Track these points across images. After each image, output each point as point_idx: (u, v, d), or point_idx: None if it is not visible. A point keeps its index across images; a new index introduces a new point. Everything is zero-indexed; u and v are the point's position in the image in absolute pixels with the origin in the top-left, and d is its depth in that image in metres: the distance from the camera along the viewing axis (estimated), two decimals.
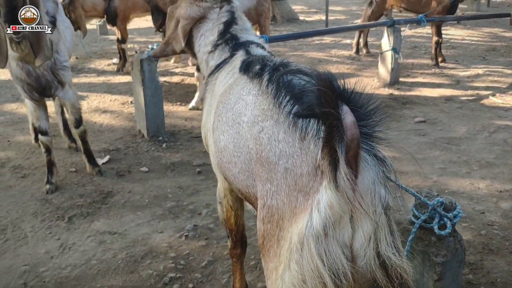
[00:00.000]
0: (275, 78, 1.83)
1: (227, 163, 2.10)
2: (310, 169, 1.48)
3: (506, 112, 5.94)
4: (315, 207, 1.43)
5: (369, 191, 1.39)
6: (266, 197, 1.64)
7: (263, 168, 1.70)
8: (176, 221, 3.68)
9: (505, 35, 10.14)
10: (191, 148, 5.07)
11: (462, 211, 2.48)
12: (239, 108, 2.03)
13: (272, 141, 1.66)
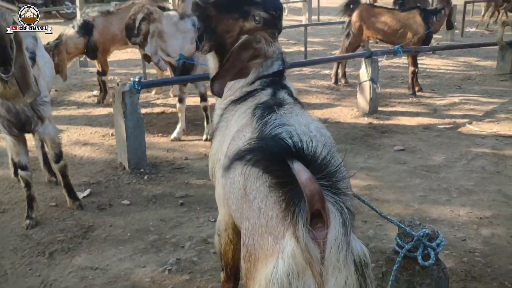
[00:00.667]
0: (264, 115, 1.86)
1: (227, 200, 2.08)
2: (280, 212, 1.46)
3: (483, 139, 6.07)
4: (280, 253, 1.41)
5: (337, 246, 1.36)
6: (245, 236, 1.63)
7: (246, 205, 1.68)
8: (159, 255, 3.64)
9: (480, 64, 10.43)
10: (173, 180, 5.05)
11: (444, 238, 2.52)
12: (235, 143, 2.02)
13: (252, 178, 1.65)
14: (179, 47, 5.92)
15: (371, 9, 8.59)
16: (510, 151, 5.63)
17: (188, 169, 5.35)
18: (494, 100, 7.78)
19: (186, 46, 5.93)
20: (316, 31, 16.00)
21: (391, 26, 8.21)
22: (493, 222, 4.07)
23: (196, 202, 4.53)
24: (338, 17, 11.08)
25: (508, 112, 7.14)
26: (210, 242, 3.80)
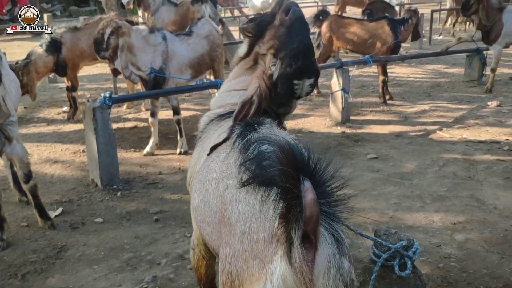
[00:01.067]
0: (244, 133, 1.82)
1: (201, 222, 2.04)
2: (266, 235, 1.44)
3: (453, 145, 6.18)
4: (268, 277, 1.38)
5: (326, 266, 1.35)
6: (225, 261, 1.58)
7: (225, 229, 1.63)
8: (135, 273, 3.57)
9: (448, 71, 10.65)
10: (147, 196, 4.98)
11: (419, 245, 2.53)
12: (212, 165, 1.97)
13: (233, 201, 1.61)
14: (149, 61, 5.87)
15: (340, 20, 8.72)
16: (480, 156, 5.75)
17: (162, 184, 5.28)
18: (463, 107, 7.95)
19: (157, 59, 5.90)
20: None
21: (361, 36, 8.34)
22: (466, 227, 4.13)
23: (171, 218, 4.47)
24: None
25: (477, 118, 7.30)
26: (187, 258, 3.75)
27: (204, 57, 6.40)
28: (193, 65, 6.27)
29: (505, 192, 4.76)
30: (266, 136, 1.73)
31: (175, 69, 6.06)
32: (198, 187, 2.06)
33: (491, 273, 3.45)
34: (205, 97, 9.47)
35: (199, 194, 2.01)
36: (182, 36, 6.29)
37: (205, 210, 1.93)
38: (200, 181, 2.04)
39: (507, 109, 7.65)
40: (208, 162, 2.07)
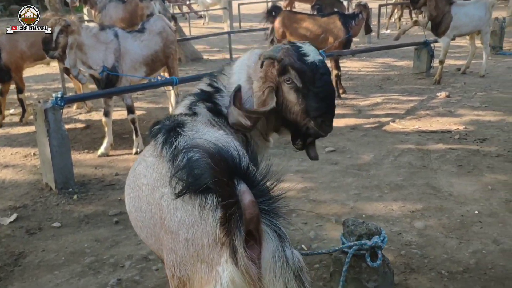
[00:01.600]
0: (169, 140, 1.80)
1: (135, 228, 2.07)
2: (210, 240, 1.46)
3: (406, 136, 6.35)
4: (218, 280, 1.41)
5: (271, 262, 1.38)
6: (173, 267, 1.60)
7: (167, 236, 1.65)
8: (98, 277, 3.46)
9: (397, 64, 10.93)
10: (104, 198, 4.85)
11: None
12: (140, 170, 1.97)
13: (171, 209, 1.62)
14: (101, 59, 5.71)
15: (292, 16, 8.76)
16: (433, 146, 5.93)
17: (119, 185, 5.15)
18: (414, 98, 8.18)
19: (109, 57, 5.74)
20: (239, 38, 16.08)
21: (313, 31, 8.42)
22: (424, 214, 4.25)
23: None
24: (259, 23, 11.21)
25: (427, 108, 7.53)
26: (151, 259, 3.68)
27: (158, 54, 6.29)
28: (147, 62, 6.14)
29: (458, 179, 4.93)
30: (193, 142, 1.72)
31: (129, 66, 5.92)
32: (127, 193, 2.08)
33: (451, 258, 3.57)
34: (158, 95, 9.32)
35: (130, 199, 2.03)
36: (134, 33, 6.15)
37: (137, 216, 1.94)
38: (129, 186, 2.05)
39: (456, 100, 7.93)
40: (135, 166, 2.08)
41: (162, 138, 1.87)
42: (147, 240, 1.94)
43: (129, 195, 2.06)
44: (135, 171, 2.03)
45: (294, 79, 2.38)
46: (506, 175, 4.97)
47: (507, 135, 6.18)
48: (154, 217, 1.79)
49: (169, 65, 6.64)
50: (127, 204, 2.11)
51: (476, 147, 5.82)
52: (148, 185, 1.85)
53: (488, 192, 4.61)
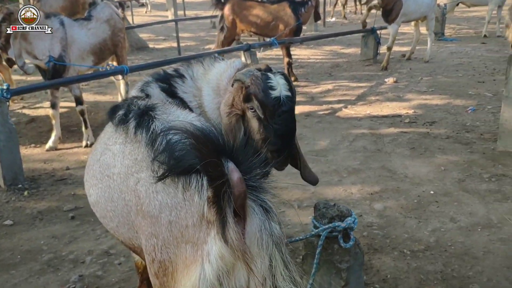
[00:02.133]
0: (144, 125, 1.76)
1: (101, 218, 2.04)
2: (195, 220, 1.46)
3: (359, 121, 6.47)
4: (205, 258, 1.41)
5: (258, 235, 1.41)
6: (154, 252, 1.58)
7: (145, 221, 1.62)
8: (58, 274, 3.31)
9: (344, 51, 11.12)
10: (57, 193, 4.65)
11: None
12: (106, 160, 1.93)
13: (150, 193, 1.60)
14: (47, 49, 5.44)
15: (242, 3, 8.68)
16: (385, 130, 6.07)
17: (72, 180, 4.96)
18: (363, 84, 8.34)
19: (55, 46, 5.48)
20: (184, 26, 15.86)
21: (263, 18, 8.40)
22: (383, 196, 4.35)
23: (88, 214, 4.20)
24: (204, 11, 11.08)
25: (377, 94, 7.70)
26: (113, 254, 3.56)
27: (107, 42, 6.08)
28: (95, 51, 5.92)
29: (412, 161, 5.07)
30: (173, 124, 1.69)
31: (76, 56, 5.69)
32: (93, 183, 2.02)
33: (412, 237, 3.67)
34: (104, 85, 9.06)
35: (97, 190, 1.98)
36: (81, 21, 5.90)
37: (107, 206, 1.91)
38: (95, 177, 2.00)
39: (403, 85, 8.16)
40: (97, 157, 2.02)
41: (135, 123, 1.81)
42: (118, 229, 1.91)
43: (95, 186, 2.00)
44: (100, 162, 1.98)
45: (256, 109, 2.34)
46: (457, 155, 5.16)
47: (454, 118, 6.42)
48: (128, 205, 1.76)
49: (118, 54, 6.44)
50: (92, 195, 2.05)
51: (426, 130, 6.01)
52: (120, 174, 1.80)
53: (441, 172, 4.77)
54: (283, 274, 1.43)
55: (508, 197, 4.20)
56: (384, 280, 3.19)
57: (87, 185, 2.11)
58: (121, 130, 1.91)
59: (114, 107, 2.12)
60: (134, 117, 1.84)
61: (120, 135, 1.91)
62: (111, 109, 2.12)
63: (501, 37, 11.58)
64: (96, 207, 2.04)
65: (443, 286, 3.09)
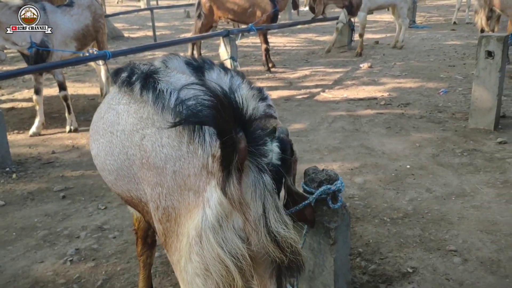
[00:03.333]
0: (150, 86, 1.85)
1: (101, 171, 2.17)
2: (196, 170, 1.62)
3: (337, 104, 6.68)
4: (206, 203, 1.58)
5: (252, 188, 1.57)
6: (159, 199, 1.73)
7: (151, 172, 1.77)
8: (55, 249, 3.42)
9: (319, 39, 11.32)
10: (46, 175, 4.72)
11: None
12: (110, 118, 2.05)
13: (156, 147, 1.74)
14: (28, 34, 5.45)
15: None
16: (362, 111, 6.30)
17: (59, 163, 5.03)
18: (339, 70, 8.57)
19: (37, 32, 5.50)
20: (158, 16, 15.82)
21: (241, 5, 8.52)
22: (362, 171, 4.56)
23: (79, 193, 4.31)
24: (177, 1, 11.08)
25: (353, 79, 7.94)
26: (106, 229, 3.68)
27: (89, 28, 6.13)
28: (78, 37, 5.97)
29: (389, 140, 5.31)
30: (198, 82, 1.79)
31: (60, 41, 5.73)
32: (95, 138, 2.15)
33: (391, 206, 3.89)
34: (82, 73, 9.08)
35: (98, 144, 2.10)
36: (63, 8, 5.93)
37: (106, 159, 2.04)
38: (98, 133, 2.12)
39: (378, 70, 8.42)
40: (101, 115, 2.14)
41: (140, 85, 1.91)
42: (116, 182, 2.03)
43: (97, 141, 2.11)
44: (104, 119, 2.09)
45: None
46: (431, 133, 5.42)
47: (427, 99, 6.70)
48: (130, 159, 1.89)
49: (99, 40, 6.50)
50: (94, 149, 2.17)
51: (401, 111, 6.26)
52: (124, 131, 1.92)
53: (416, 149, 5.02)
54: (275, 216, 1.59)
55: (480, 169, 4.47)
56: (367, 244, 3.41)
57: (91, 139, 2.23)
58: (125, 91, 2.02)
59: (117, 69, 2.23)
60: (139, 80, 1.94)
61: (124, 96, 2.02)
62: (115, 71, 2.23)
63: (470, 24, 11.97)
64: (97, 160, 2.16)
65: (422, 248, 3.32)
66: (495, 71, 5.10)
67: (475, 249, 3.27)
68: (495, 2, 8.28)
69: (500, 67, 5.05)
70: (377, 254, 3.28)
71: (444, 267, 3.10)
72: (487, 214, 3.71)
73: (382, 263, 3.18)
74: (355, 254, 3.27)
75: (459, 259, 3.17)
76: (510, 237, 3.39)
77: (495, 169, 4.45)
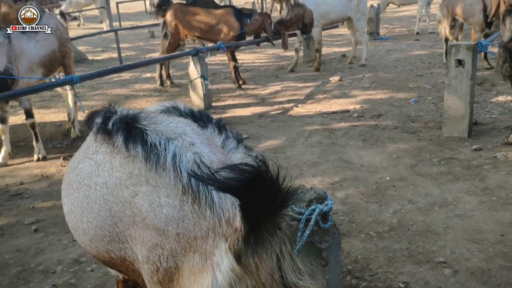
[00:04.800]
0: (137, 139, 1.70)
1: (74, 230, 1.97)
2: (203, 233, 1.54)
3: (311, 118, 6.67)
4: (216, 268, 1.49)
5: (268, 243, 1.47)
6: (159, 261, 1.62)
7: (149, 232, 1.64)
8: (30, 286, 3.24)
9: (287, 54, 11.28)
10: (15, 208, 4.51)
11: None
12: (86, 169, 1.88)
13: (154, 207, 1.62)
14: None
15: (185, 8, 8.67)
16: (336, 125, 6.30)
17: (28, 194, 4.82)
18: (310, 84, 8.58)
19: (0, 60, 5.30)
20: (122, 37, 15.56)
21: (207, 23, 8.45)
22: (343, 185, 4.52)
23: (51, 226, 4.12)
24: (140, 22, 10.92)
25: (324, 92, 7.95)
26: (83, 262, 3.52)
27: (55, 53, 5.96)
28: (44, 63, 5.79)
29: (366, 152, 5.30)
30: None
31: (26, 68, 5.53)
32: (69, 192, 1.97)
33: (375, 220, 3.85)
34: (47, 99, 8.83)
35: (72, 200, 1.93)
36: (28, 33, 5.74)
37: (83, 217, 1.86)
38: (71, 186, 1.95)
39: (347, 82, 8.47)
40: (74, 165, 1.98)
41: (122, 137, 1.74)
42: (92, 243, 1.86)
43: (71, 195, 1.94)
44: (77, 170, 1.92)
45: None
46: (406, 144, 5.44)
47: (399, 110, 6.75)
48: (115, 216, 1.73)
49: (66, 64, 6.33)
50: (66, 204, 1.99)
51: (374, 123, 6.28)
52: (107, 184, 1.76)
53: (394, 160, 5.02)
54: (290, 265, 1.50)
55: (459, 177, 4.49)
56: (356, 261, 3.34)
57: (63, 194, 2.06)
58: (102, 139, 1.86)
59: (90, 114, 2.08)
60: (119, 129, 1.77)
61: (102, 145, 1.85)
62: (88, 116, 2.08)
63: (433, 33, 12.23)
64: (69, 217, 1.98)
65: (411, 261, 3.28)
66: (466, 79, 5.17)
67: (464, 260, 3.25)
68: (458, 11, 8.49)
69: (471, 75, 5.12)
70: (367, 271, 3.22)
71: (436, 280, 3.06)
72: (471, 222, 3.70)
73: (373, 280, 3.12)
74: (345, 272, 3.20)
75: (449, 270, 3.14)
76: (497, 245, 3.38)
77: (473, 177, 4.47)
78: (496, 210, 3.87)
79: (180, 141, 1.68)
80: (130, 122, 1.78)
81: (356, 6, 9.44)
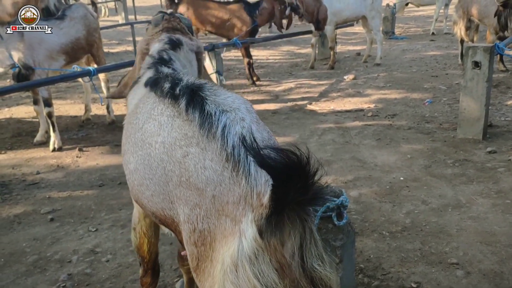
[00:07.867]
0: (197, 105, 1.81)
1: (138, 186, 2.04)
2: (235, 199, 1.58)
3: (324, 116, 6.67)
4: (243, 234, 1.53)
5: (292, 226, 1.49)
6: (197, 221, 1.68)
7: (191, 192, 1.71)
8: (46, 274, 3.28)
9: (301, 52, 11.35)
10: (32, 197, 4.57)
11: None
12: (150, 128, 1.97)
13: (198, 168, 1.69)
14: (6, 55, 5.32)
15: (197, 1, 8.65)
16: (350, 123, 6.30)
17: (44, 184, 4.89)
18: (324, 82, 8.58)
19: (18, 52, 5.36)
20: (136, 30, 15.68)
21: (219, 17, 8.46)
22: (356, 184, 4.53)
23: (67, 215, 4.17)
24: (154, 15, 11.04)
25: (338, 90, 7.95)
26: (99, 252, 3.56)
27: (80, 41, 6.07)
28: (66, 50, 5.89)
29: (380, 151, 5.30)
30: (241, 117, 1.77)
31: (44, 56, 5.61)
32: (134, 150, 2.04)
33: (388, 220, 3.85)
34: (63, 90, 8.92)
35: (137, 157, 2.01)
36: (53, 21, 5.82)
37: (145, 174, 1.95)
38: (136, 144, 2.03)
39: (362, 81, 8.46)
40: (139, 125, 2.05)
41: (186, 101, 1.86)
42: (152, 198, 1.95)
43: (136, 153, 2.02)
44: (143, 130, 2.01)
45: None
46: (421, 144, 5.43)
47: (414, 110, 6.73)
48: (167, 175, 1.82)
49: (94, 54, 6.45)
50: (132, 162, 2.05)
51: (389, 122, 6.27)
52: (164, 143, 1.86)
53: (408, 160, 5.01)
54: (313, 251, 1.53)
55: (473, 179, 4.47)
56: (368, 260, 3.36)
57: (128, 154, 2.12)
58: (169, 103, 1.96)
59: (155, 78, 2.20)
60: (184, 94, 1.90)
61: (167, 107, 1.96)
62: (153, 80, 2.19)
63: (449, 34, 12.16)
64: (135, 175, 2.05)
65: (423, 262, 3.28)
66: (482, 81, 5.14)
67: (477, 261, 3.25)
68: (473, 12, 8.43)
69: (487, 77, 5.10)
70: (379, 270, 3.23)
71: (448, 281, 3.07)
72: (484, 225, 3.70)
73: (385, 279, 3.13)
74: (357, 270, 3.22)
75: (461, 272, 3.14)
76: (510, 248, 3.38)
77: (487, 179, 4.46)
78: (510, 213, 3.86)
79: (233, 115, 1.75)
80: (195, 89, 1.91)
81: (371, 4, 9.42)
